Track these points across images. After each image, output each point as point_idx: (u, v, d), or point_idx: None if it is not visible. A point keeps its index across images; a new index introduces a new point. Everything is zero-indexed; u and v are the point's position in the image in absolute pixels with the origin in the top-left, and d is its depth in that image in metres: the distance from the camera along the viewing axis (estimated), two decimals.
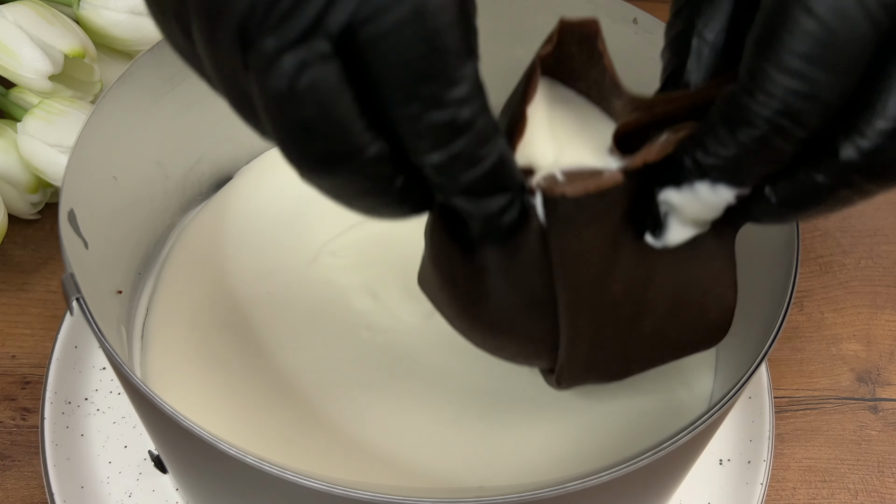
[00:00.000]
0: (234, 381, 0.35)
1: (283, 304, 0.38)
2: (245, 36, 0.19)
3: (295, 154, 0.21)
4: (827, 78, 0.20)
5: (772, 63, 0.20)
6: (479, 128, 0.21)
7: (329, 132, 0.20)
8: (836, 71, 0.20)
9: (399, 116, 0.20)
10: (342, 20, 0.19)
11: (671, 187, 0.24)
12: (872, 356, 0.46)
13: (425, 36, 0.19)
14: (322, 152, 0.20)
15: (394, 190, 0.22)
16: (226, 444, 0.24)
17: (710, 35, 0.25)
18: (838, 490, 0.42)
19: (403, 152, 0.21)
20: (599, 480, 0.23)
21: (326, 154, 0.20)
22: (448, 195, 0.22)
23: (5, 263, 0.46)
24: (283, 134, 0.20)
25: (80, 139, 0.32)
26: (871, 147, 0.21)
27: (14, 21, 0.42)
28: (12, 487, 0.39)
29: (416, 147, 0.21)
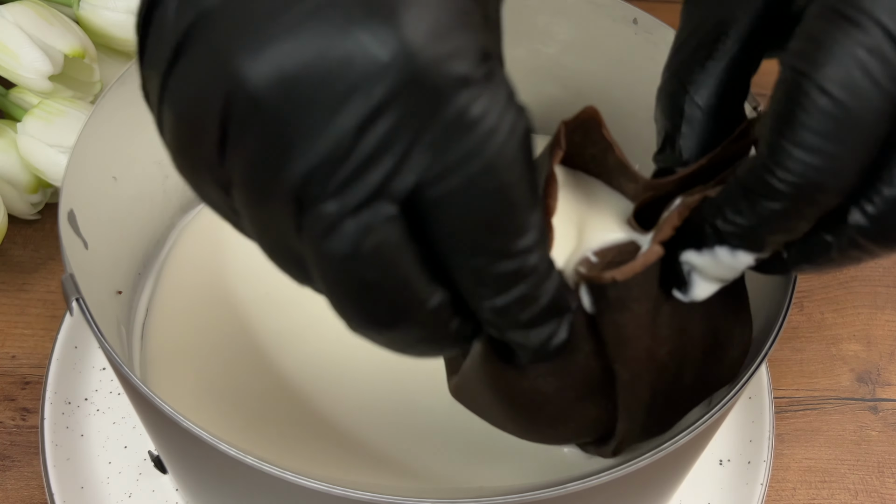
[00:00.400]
0: (233, 382, 0.35)
1: (282, 304, 0.38)
2: (302, 200, 0.18)
3: (353, 314, 0.20)
4: (844, 152, 0.21)
5: (789, 140, 0.21)
6: (542, 270, 0.21)
7: (392, 291, 0.19)
8: (852, 145, 0.21)
9: (464, 268, 0.20)
10: (410, 183, 0.18)
11: (692, 250, 0.24)
12: (872, 356, 0.46)
13: (496, 191, 0.19)
14: (384, 311, 0.20)
15: (449, 333, 0.21)
16: (226, 444, 0.24)
17: (702, 100, 0.26)
18: (838, 490, 0.42)
19: (459, 295, 0.21)
20: (599, 480, 0.23)
21: (388, 312, 0.20)
22: (502, 332, 0.22)
23: (5, 263, 0.46)
24: (342, 295, 0.19)
25: (80, 139, 0.32)
26: (878, 213, 0.22)
27: (14, 21, 0.42)
28: (12, 488, 0.39)
29: (478, 294, 0.20)
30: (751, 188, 0.22)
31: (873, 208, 0.22)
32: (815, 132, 0.21)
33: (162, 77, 0.19)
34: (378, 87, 0.17)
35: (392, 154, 0.18)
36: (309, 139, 0.18)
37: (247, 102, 0.18)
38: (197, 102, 0.18)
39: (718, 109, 0.26)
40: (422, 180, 0.18)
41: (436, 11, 0.18)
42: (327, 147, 0.18)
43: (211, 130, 0.18)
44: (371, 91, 0.17)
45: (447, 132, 0.18)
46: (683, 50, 0.26)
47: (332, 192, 0.18)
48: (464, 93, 0.18)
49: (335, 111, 0.17)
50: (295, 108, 0.17)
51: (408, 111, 0.18)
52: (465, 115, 0.18)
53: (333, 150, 0.18)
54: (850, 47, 0.20)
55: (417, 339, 0.21)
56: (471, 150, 0.18)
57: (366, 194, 0.18)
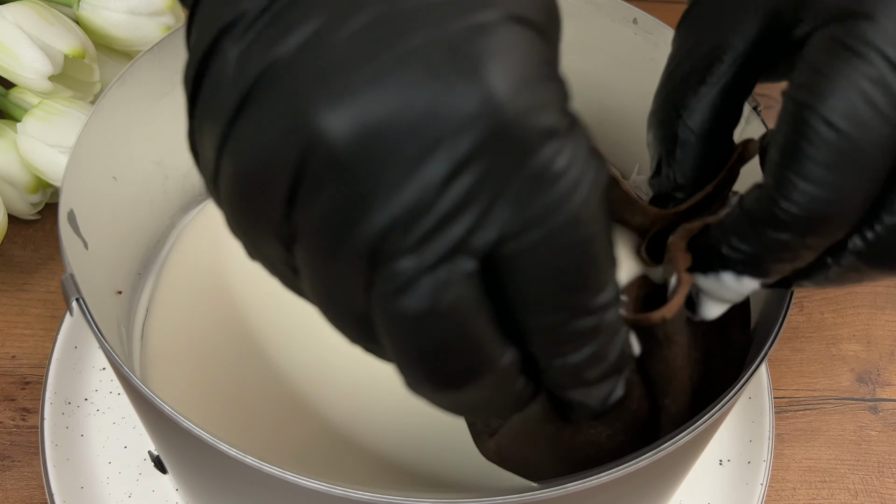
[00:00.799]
0: (233, 382, 0.35)
1: (282, 304, 0.38)
2: (377, 256, 0.17)
3: (421, 374, 0.19)
4: (849, 184, 0.21)
5: (795, 172, 0.21)
6: (616, 326, 0.20)
7: (465, 350, 0.18)
8: (858, 177, 0.21)
9: (539, 324, 0.19)
10: (492, 238, 0.17)
11: (698, 273, 0.24)
12: (872, 356, 0.46)
13: (578, 245, 0.18)
14: (455, 371, 0.19)
15: (513, 394, 0.20)
16: (226, 444, 0.24)
17: (695, 125, 0.25)
18: (838, 490, 0.42)
19: (526, 354, 0.20)
20: (599, 480, 0.23)
21: (459, 372, 0.19)
22: (564, 391, 0.21)
23: (5, 263, 0.46)
24: (414, 355, 0.18)
25: (80, 139, 0.32)
26: (877, 239, 0.22)
27: (14, 21, 0.42)
28: (12, 488, 0.39)
29: (551, 352, 0.20)
30: (757, 218, 0.22)
31: (872, 234, 0.22)
32: (820, 164, 0.21)
33: (223, 129, 0.18)
34: (464, 140, 0.17)
35: (475, 208, 0.17)
36: (389, 193, 0.17)
37: (325, 156, 0.17)
38: (266, 156, 0.17)
39: (712, 134, 0.26)
40: (503, 234, 0.17)
41: (521, 62, 0.17)
42: (408, 201, 0.17)
43: (280, 185, 0.17)
44: (457, 144, 0.17)
45: (532, 185, 0.17)
46: (676, 74, 0.26)
47: (410, 248, 0.17)
48: (549, 145, 0.17)
49: (418, 164, 0.17)
50: (376, 161, 0.17)
51: (493, 164, 0.17)
52: (550, 167, 0.17)
53: (415, 204, 0.17)
54: (854, 79, 0.21)
55: (482, 401, 0.20)
56: (555, 202, 0.17)
57: (445, 250, 0.17)
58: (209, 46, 0.18)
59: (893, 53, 0.20)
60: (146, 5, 0.45)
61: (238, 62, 0.18)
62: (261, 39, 0.17)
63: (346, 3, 0.17)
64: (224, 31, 0.18)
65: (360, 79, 0.17)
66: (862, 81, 0.20)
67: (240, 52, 0.18)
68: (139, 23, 0.45)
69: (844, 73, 0.21)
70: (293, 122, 0.17)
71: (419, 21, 0.17)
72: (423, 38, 0.17)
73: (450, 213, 0.17)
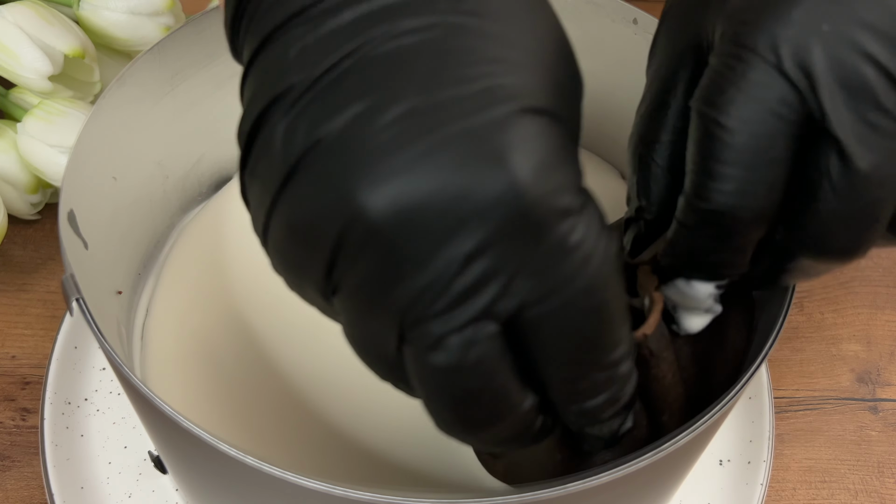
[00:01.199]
0: (233, 382, 0.35)
1: (282, 304, 0.38)
2: (409, 318, 0.19)
3: (450, 418, 0.21)
4: (751, 177, 0.23)
5: (703, 172, 0.23)
6: (628, 375, 0.22)
7: (490, 398, 0.20)
8: (757, 169, 0.23)
9: (558, 377, 0.21)
10: (513, 306, 0.19)
11: (662, 286, 0.27)
12: (872, 356, 0.46)
13: (594, 310, 0.20)
14: (480, 416, 0.21)
15: (534, 431, 0.22)
16: (226, 444, 0.24)
17: (656, 153, 0.27)
18: (838, 491, 0.42)
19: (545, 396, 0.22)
20: (599, 480, 0.23)
21: (484, 417, 0.21)
22: (580, 428, 0.23)
23: (5, 264, 0.46)
24: (444, 403, 0.21)
25: (80, 139, 0.32)
26: (799, 227, 0.24)
27: (14, 21, 0.42)
28: (12, 488, 0.39)
29: (568, 400, 0.22)
30: (681, 221, 0.24)
31: (795, 224, 0.24)
32: (722, 162, 0.23)
33: (272, 194, 0.20)
34: (489, 221, 0.19)
35: (498, 280, 0.19)
36: (420, 266, 0.19)
37: (364, 228, 0.19)
38: (311, 224, 0.20)
39: (673, 159, 0.27)
40: (524, 302, 0.19)
41: (540, 152, 0.19)
42: (436, 274, 0.19)
43: (323, 250, 0.20)
44: (481, 225, 0.19)
45: (549, 259, 0.19)
46: (642, 105, 0.28)
47: (439, 313, 0.19)
48: (565, 223, 0.19)
49: (446, 241, 0.19)
50: (409, 237, 0.19)
51: (514, 242, 0.19)
52: (565, 242, 0.19)
53: (442, 276, 0.19)
54: (738, 83, 0.23)
55: (506, 439, 0.22)
56: (571, 273, 0.19)
57: (471, 316, 0.19)
58: (260, 113, 0.20)
59: (765, 51, 0.23)
60: (146, 5, 0.45)
61: (286, 135, 0.20)
62: (307, 116, 0.19)
63: (385, 92, 0.19)
64: (274, 102, 0.20)
65: (399, 163, 0.19)
66: (742, 82, 0.23)
67: (287, 125, 0.20)
68: (139, 23, 0.45)
69: (728, 78, 0.23)
70: (337, 197, 0.19)
71: (450, 114, 0.19)
72: (454, 130, 0.19)
73: (475, 284, 0.19)
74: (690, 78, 0.27)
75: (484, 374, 0.20)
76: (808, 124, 0.23)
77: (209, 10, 0.37)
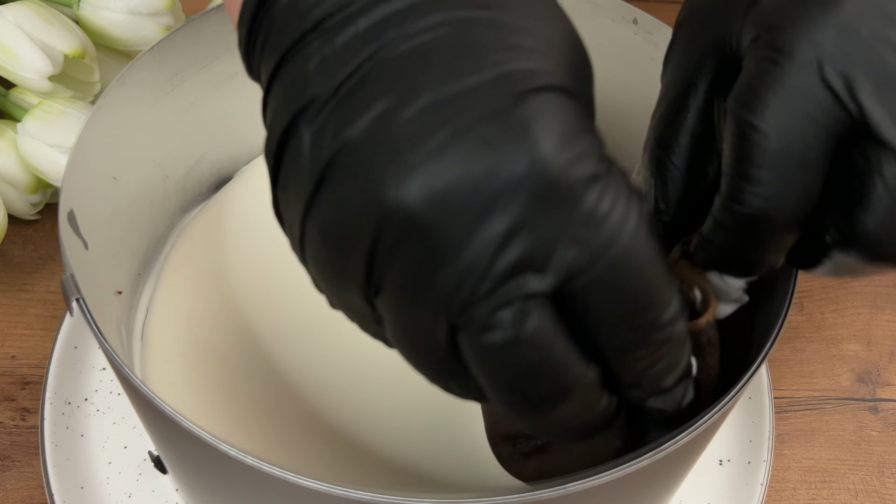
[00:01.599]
0: (233, 382, 0.35)
1: (283, 304, 0.38)
2: (457, 303, 0.20)
3: (517, 398, 0.21)
4: (787, 181, 0.23)
5: (739, 175, 0.23)
6: (683, 335, 0.22)
7: (552, 370, 0.20)
8: (793, 174, 0.23)
9: (616, 344, 0.21)
10: (558, 278, 0.20)
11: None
12: (872, 356, 0.46)
13: (638, 270, 0.20)
14: (546, 391, 0.21)
15: (601, 411, 0.22)
16: (226, 444, 0.24)
17: (676, 156, 0.28)
18: (838, 491, 0.42)
19: (605, 374, 0.22)
20: (599, 481, 0.23)
21: (550, 391, 0.21)
22: (644, 400, 0.23)
23: (5, 264, 0.46)
24: (508, 383, 0.21)
25: (80, 139, 0.32)
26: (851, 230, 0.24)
27: (14, 21, 0.42)
28: (12, 488, 0.39)
29: (629, 368, 0.22)
30: (717, 220, 0.25)
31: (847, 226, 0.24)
32: (757, 167, 0.23)
33: (305, 203, 0.20)
34: (519, 195, 0.19)
35: (539, 254, 0.19)
36: (459, 249, 0.19)
37: (399, 223, 0.19)
38: (346, 226, 0.20)
39: (693, 163, 0.28)
40: (569, 273, 0.20)
41: (560, 124, 0.19)
42: (477, 254, 0.19)
43: (360, 250, 0.20)
44: (513, 199, 0.19)
45: (585, 225, 0.19)
46: (659, 107, 0.28)
47: (486, 294, 0.19)
48: (594, 188, 0.19)
49: (481, 221, 0.19)
50: (443, 222, 0.19)
51: (548, 213, 0.19)
52: (598, 207, 0.19)
53: (483, 256, 0.19)
54: (774, 86, 0.23)
55: (575, 419, 0.22)
56: (609, 237, 0.20)
57: (518, 292, 0.19)
58: (286, 128, 0.21)
59: (803, 58, 0.23)
60: (146, 5, 0.45)
61: (313, 143, 0.20)
62: (332, 122, 0.20)
63: (405, 89, 0.19)
64: (299, 115, 0.20)
65: (424, 153, 0.19)
66: (779, 87, 0.23)
67: (313, 133, 0.20)
68: (139, 23, 0.45)
69: (764, 83, 0.23)
70: (368, 195, 0.19)
71: (469, 100, 0.19)
72: (474, 115, 0.19)
73: (517, 260, 0.19)
74: (712, 81, 0.27)
75: (542, 346, 0.20)
76: (847, 128, 0.23)
77: (209, 10, 0.37)
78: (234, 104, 0.40)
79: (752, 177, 0.23)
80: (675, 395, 0.23)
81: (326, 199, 0.20)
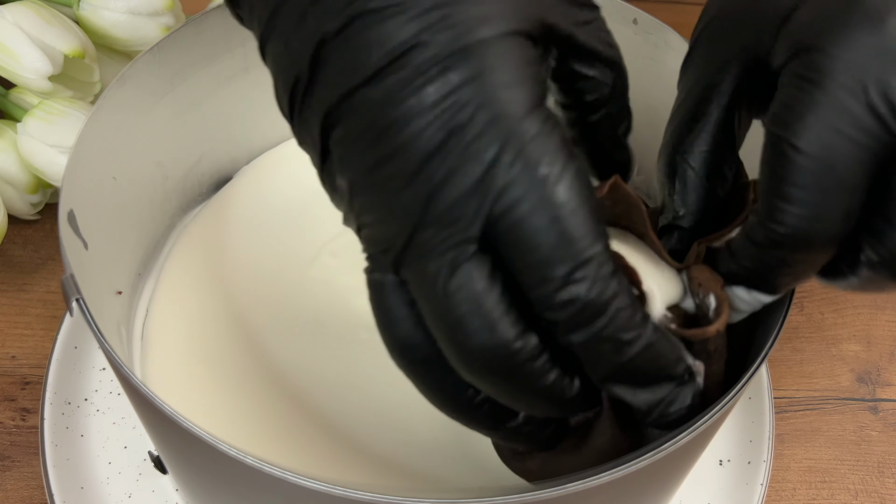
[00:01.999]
0: (233, 382, 0.35)
1: (282, 304, 0.38)
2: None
3: (454, 348, 0.22)
4: (827, 203, 0.23)
5: (777, 196, 0.23)
6: (616, 310, 0.22)
7: (483, 328, 0.21)
8: (833, 195, 0.23)
9: (536, 300, 0.22)
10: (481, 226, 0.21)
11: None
12: (872, 356, 0.46)
13: (552, 221, 0.21)
14: (479, 350, 0.22)
15: (550, 385, 0.23)
16: (226, 444, 0.24)
17: (694, 161, 0.28)
18: (838, 491, 0.42)
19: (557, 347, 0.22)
20: (600, 481, 0.23)
21: (483, 351, 0.22)
22: (604, 382, 0.23)
23: (5, 264, 0.46)
24: (443, 331, 0.22)
25: (80, 139, 0.32)
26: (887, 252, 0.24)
27: (14, 21, 0.42)
28: (12, 488, 0.39)
29: (557, 328, 0.22)
30: (754, 241, 0.24)
31: (885, 249, 0.24)
32: (798, 187, 0.23)
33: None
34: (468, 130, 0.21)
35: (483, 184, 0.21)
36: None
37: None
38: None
39: (711, 167, 0.28)
40: (491, 215, 0.21)
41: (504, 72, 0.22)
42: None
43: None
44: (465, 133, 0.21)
45: (509, 170, 0.21)
46: (678, 113, 0.28)
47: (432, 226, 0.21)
48: (527, 134, 0.21)
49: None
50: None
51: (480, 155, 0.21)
52: (526, 155, 0.21)
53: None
54: (814, 108, 0.23)
55: (526, 390, 0.23)
56: (530, 185, 0.21)
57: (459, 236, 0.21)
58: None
59: (846, 80, 0.23)
60: (146, 5, 0.45)
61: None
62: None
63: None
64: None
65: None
66: (821, 109, 0.23)
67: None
68: (139, 23, 0.45)
69: (806, 104, 0.23)
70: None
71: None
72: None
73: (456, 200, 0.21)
74: (734, 90, 0.27)
75: (469, 300, 0.21)
76: (889, 151, 0.23)
77: (209, 10, 0.37)
78: (234, 104, 0.40)
79: (792, 197, 0.23)
80: (651, 395, 0.24)
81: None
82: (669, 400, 0.24)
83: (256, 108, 0.41)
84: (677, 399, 0.24)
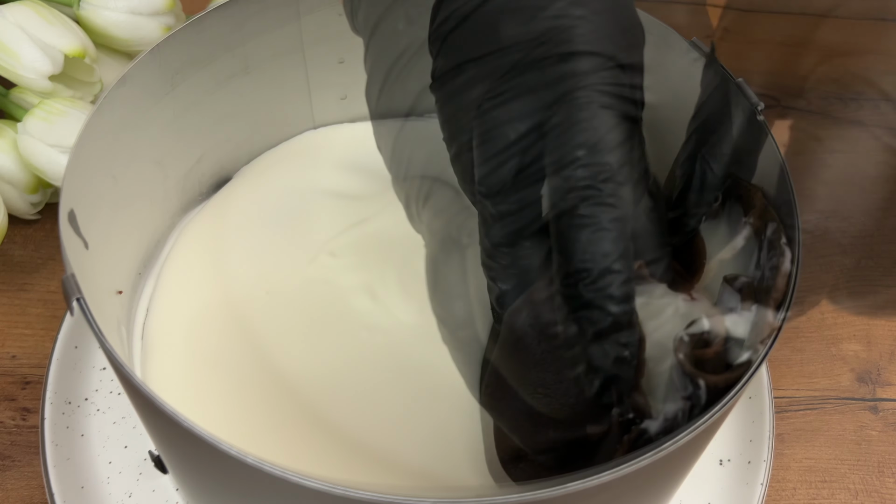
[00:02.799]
0: (233, 382, 0.35)
1: (282, 304, 0.38)
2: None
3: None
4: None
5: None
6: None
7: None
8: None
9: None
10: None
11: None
12: (872, 356, 0.46)
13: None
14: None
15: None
16: (226, 444, 0.24)
17: (715, 163, 0.28)
18: (838, 490, 0.42)
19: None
20: (599, 480, 0.23)
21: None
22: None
23: (5, 263, 0.46)
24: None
25: (80, 139, 0.32)
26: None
27: (14, 21, 0.42)
28: (12, 487, 0.39)
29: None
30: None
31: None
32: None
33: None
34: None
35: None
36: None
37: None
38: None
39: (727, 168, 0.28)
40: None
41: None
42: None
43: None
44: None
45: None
46: (701, 112, 0.29)
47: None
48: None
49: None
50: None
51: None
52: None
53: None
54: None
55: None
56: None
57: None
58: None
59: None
60: (146, 5, 0.45)
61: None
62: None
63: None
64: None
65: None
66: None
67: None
68: (139, 23, 0.45)
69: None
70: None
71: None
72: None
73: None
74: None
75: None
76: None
77: (209, 10, 0.37)
78: (234, 104, 0.40)
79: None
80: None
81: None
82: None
83: (256, 108, 0.41)
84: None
